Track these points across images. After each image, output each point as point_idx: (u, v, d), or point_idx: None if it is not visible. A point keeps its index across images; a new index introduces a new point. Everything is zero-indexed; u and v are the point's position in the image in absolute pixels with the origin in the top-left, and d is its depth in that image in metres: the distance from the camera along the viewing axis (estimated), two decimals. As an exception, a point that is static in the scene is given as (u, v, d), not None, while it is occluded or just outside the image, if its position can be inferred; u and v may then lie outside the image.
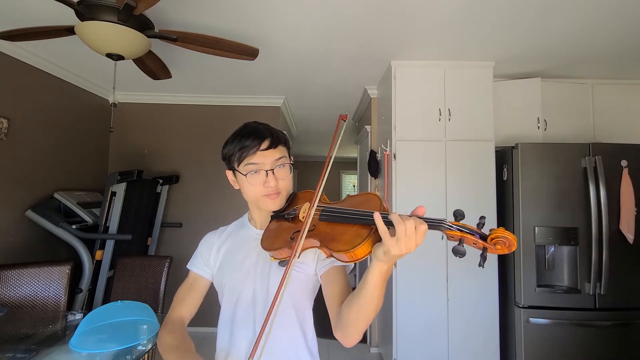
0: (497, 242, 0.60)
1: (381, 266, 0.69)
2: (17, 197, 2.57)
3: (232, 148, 0.91)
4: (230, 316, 0.94)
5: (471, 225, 0.64)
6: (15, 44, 2.39)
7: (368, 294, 0.71)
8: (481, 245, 0.62)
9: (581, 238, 2.36)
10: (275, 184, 0.89)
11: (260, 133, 0.90)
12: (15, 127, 2.52)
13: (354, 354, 3.21)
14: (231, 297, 0.95)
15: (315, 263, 0.92)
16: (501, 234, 0.60)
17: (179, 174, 3.63)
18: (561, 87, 2.90)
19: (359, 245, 0.67)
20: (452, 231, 0.63)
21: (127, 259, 2.43)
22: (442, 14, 2.04)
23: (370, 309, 0.72)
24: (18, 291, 2.04)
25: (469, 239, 0.62)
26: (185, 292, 1.02)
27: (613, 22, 2.10)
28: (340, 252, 0.70)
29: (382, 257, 0.66)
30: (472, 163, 2.64)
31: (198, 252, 1.05)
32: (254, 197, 0.92)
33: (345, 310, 0.77)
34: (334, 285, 0.87)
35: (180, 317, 0.99)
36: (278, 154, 0.90)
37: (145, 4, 1.64)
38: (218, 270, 1.00)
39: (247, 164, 0.88)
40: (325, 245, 0.75)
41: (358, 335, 0.77)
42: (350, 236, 0.71)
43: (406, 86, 2.71)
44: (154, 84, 3.24)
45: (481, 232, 0.63)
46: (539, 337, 2.34)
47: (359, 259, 0.70)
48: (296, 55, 2.63)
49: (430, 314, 2.56)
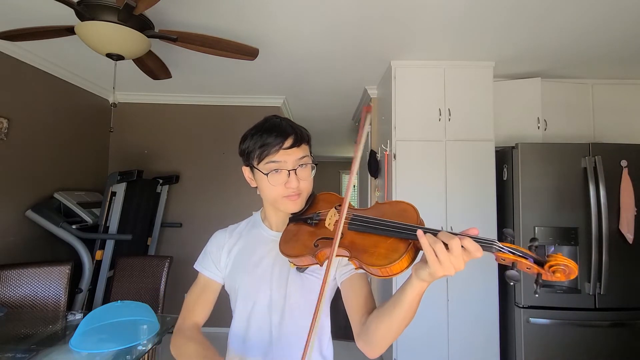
0: (557, 270, 0.55)
1: (422, 286, 0.64)
2: (17, 197, 2.57)
3: (252, 144, 0.84)
4: (245, 322, 0.89)
5: (524, 248, 0.58)
6: (15, 44, 2.39)
7: (403, 312, 0.67)
8: (535, 271, 0.56)
9: (581, 238, 2.36)
10: (297, 185, 0.83)
11: (283, 129, 0.83)
12: (15, 127, 2.52)
13: (354, 354, 3.21)
14: (246, 303, 0.90)
15: (335, 269, 0.86)
16: (562, 262, 0.55)
17: (179, 174, 3.63)
18: (561, 87, 2.90)
19: (397, 262, 0.62)
20: (504, 254, 0.57)
21: (127, 259, 2.43)
22: (442, 14, 2.04)
23: (403, 325, 0.69)
24: (18, 291, 2.04)
25: (523, 264, 0.57)
26: (196, 300, 0.95)
27: (613, 22, 2.10)
28: (374, 267, 0.65)
29: (426, 277, 0.61)
30: (472, 163, 2.64)
31: (207, 252, 0.98)
32: (273, 198, 0.86)
33: (373, 325, 0.72)
34: (357, 294, 0.82)
35: (193, 322, 0.93)
36: (301, 152, 0.84)
37: (145, 4, 1.64)
38: (230, 272, 0.94)
39: (268, 162, 0.82)
40: (356, 257, 0.69)
41: (383, 349, 0.73)
42: (385, 250, 0.65)
43: (406, 86, 2.71)
44: (154, 84, 3.24)
45: (536, 257, 0.57)
46: (539, 337, 2.34)
47: (393, 274, 0.64)
48: (296, 55, 2.63)
49: (430, 314, 2.56)
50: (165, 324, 1.68)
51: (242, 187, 3.59)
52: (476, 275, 2.55)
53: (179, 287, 3.16)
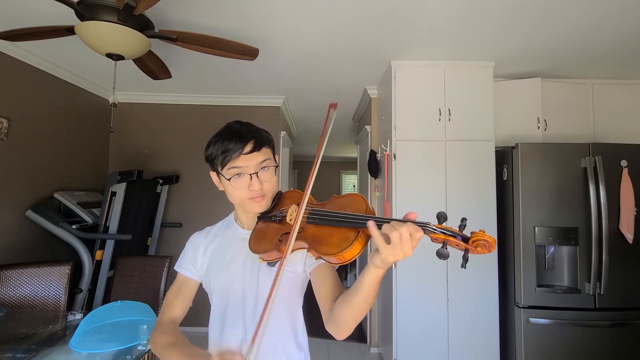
0: (478, 245, 0.61)
1: (377, 272, 0.69)
2: (17, 197, 2.57)
3: (214, 150, 0.88)
4: (220, 316, 0.95)
5: (453, 228, 0.64)
6: (15, 44, 2.39)
7: (362, 297, 0.72)
8: (463, 247, 0.62)
9: (581, 238, 2.36)
10: (260, 187, 0.88)
11: (243, 135, 0.87)
12: (15, 127, 2.52)
13: (354, 354, 3.21)
14: (220, 298, 0.95)
15: (304, 261, 0.92)
16: (481, 237, 0.61)
17: (179, 174, 3.63)
18: (561, 87, 2.90)
19: (347, 249, 0.68)
20: (436, 234, 0.64)
21: (127, 259, 2.43)
22: (442, 14, 2.04)
23: (364, 309, 0.74)
24: (18, 291, 2.04)
25: (452, 242, 0.63)
26: (175, 295, 1.01)
27: (613, 22, 2.10)
28: (329, 255, 0.71)
29: (379, 263, 0.67)
30: (472, 163, 2.64)
31: (185, 253, 1.05)
32: (239, 200, 0.91)
33: (339, 309, 0.78)
34: (324, 282, 0.87)
35: (171, 318, 0.98)
36: (262, 156, 0.88)
37: (145, 4, 1.64)
38: (206, 271, 0.99)
39: (230, 168, 0.87)
40: (313, 247, 0.75)
41: (350, 330, 0.80)
42: (338, 239, 0.71)
43: (406, 86, 2.71)
44: (154, 84, 3.24)
45: (463, 235, 0.63)
46: (539, 337, 2.34)
47: (347, 260, 0.70)
48: (296, 55, 2.63)
49: (430, 314, 2.56)
50: (165, 324, 1.68)
51: (242, 187, 3.59)
52: (476, 275, 2.55)
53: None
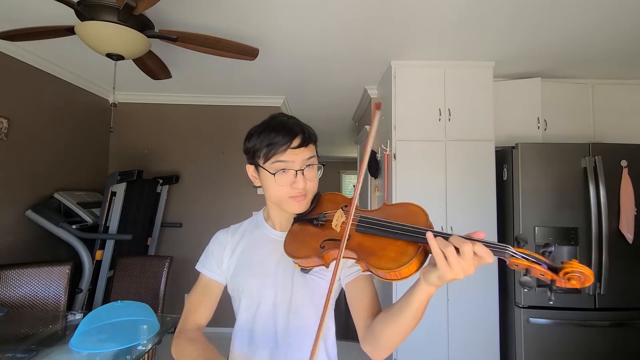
0: (572, 278, 0.54)
1: (430, 290, 0.64)
2: (17, 197, 2.57)
3: (258, 142, 0.82)
4: (250, 324, 0.88)
5: (538, 254, 0.57)
6: (15, 44, 2.39)
7: (410, 315, 0.66)
8: (550, 277, 0.55)
9: (581, 238, 2.36)
10: (304, 186, 0.82)
11: (291, 128, 0.82)
12: (15, 127, 2.52)
13: (354, 354, 3.20)
14: (250, 304, 0.89)
15: (340, 270, 0.83)
16: (577, 269, 0.53)
17: (179, 174, 3.63)
18: (561, 87, 2.90)
19: (406, 265, 0.62)
20: (517, 259, 0.56)
21: (127, 259, 2.43)
22: (442, 14, 2.04)
23: (410, 328, 0.68)
24: (18, 291, 2.04)
25: (536, 270, 0.56)
26: (199, 300, 0.93)
27: (613, 22, 2.10)
28: (384, 270, 0.64)
29: (435, 281, 0.61)
30: (472, 163, 2.63)
31: (209, 252, 0.96)
32: (279, 198, 0.84)
33: (380, 327, 0.72)
34: (362, 296, 0.81)
35: (196, 325, 0.91)
36: (309, 153, 0.83)
37: (145, 4, 1.64)
38: (233, 273, 0.92)
39: (275, 162, 0.81)
40: (364, 259, 0.68)
41: (390, 351, 0.73)
42: (394, 253, 0.64)
43: (406, 86, 2.71)
44: (154, 84, 3.24)
45: (550, 263, 0.56)
46: (539, 337, 2.34)
47: (402, 278, 0.64)
48: (296, 55, 2.62)
49: (430, 314, 2.54)
50: (165, 324, 1.68)
51: (242, 187, 3.60)
52: (476, 276, 2.53)
53: (179, 287, 3.17)
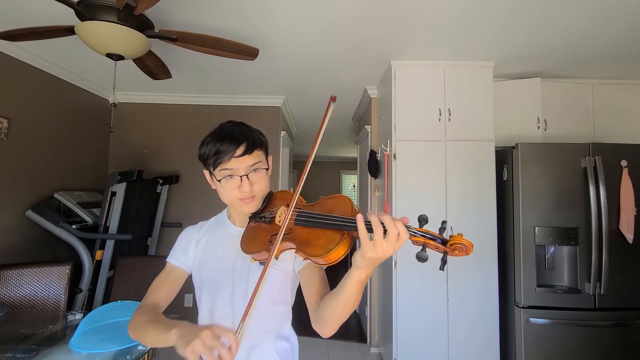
0: (456, 248, 0.63)
1: (360, 273, 0.70)
2: (17, 197, 2.57)
3: (207, 151, 0.91)
4: (209, 311, 0.96)
5: (433, 231, 0.66)
6: (15, 44, 2.39)
7: (345, 297, 0.74)
8: (442, 250, 0.64)
9: (581, 238, 2.36)
10: (250, 189, 0.89)
11: (236, 137, 0.89)
12: (15, 127, 2.52)
13: (354, 354, 3.21)
14: (210, 293, 0.97)
15: (293, 260, 0.94)
16: (459, 241, 0.63)
17: (179, 174, 3.63)
18: (561, 87, 2.90)
19: (333, 250, 0.70)
20: (416, 237, 0.65)
21: (127, 259, 2.43)
22: (442, 14, 2.04)
23: (347, 310, 0.76)
24: (18, 291, 2.05)
25: (431, 245, 0.65)
26: (162, 282, 1.02)
27: (613, 22, 2.10)
28: (315, 257, 0.73)
29: (360, 261, 0.68)
30: (472, 163, 2.64)
31: (177, 244, 1.06)
32: (229, 201, 0.94)
33: (323, 308, 0.80)
34: (311, 282, 0.90)
35: (154, 302, 0.98)
36: (253, 159, 0.89)
37: (145, 4, 1.64)
38: (198, 265, 1.01)
39: (221, 169, 0.89)
40: (301, 249, 0.77)
41: (334, 329, 0.82)
42: (324, 241, 0.73)
43: (406, 86, 2.71)
44: (154, 84, 3.24)
45: (442, 238, 0.65)
46: (539, 337, 2.34)
47: (333, 262, 0.72)
48: (296, 56, 2.63)
49: (430, 313, 2.56)
50: (165, 324, 1.68)
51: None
52: (476, 276, 2.55)
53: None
